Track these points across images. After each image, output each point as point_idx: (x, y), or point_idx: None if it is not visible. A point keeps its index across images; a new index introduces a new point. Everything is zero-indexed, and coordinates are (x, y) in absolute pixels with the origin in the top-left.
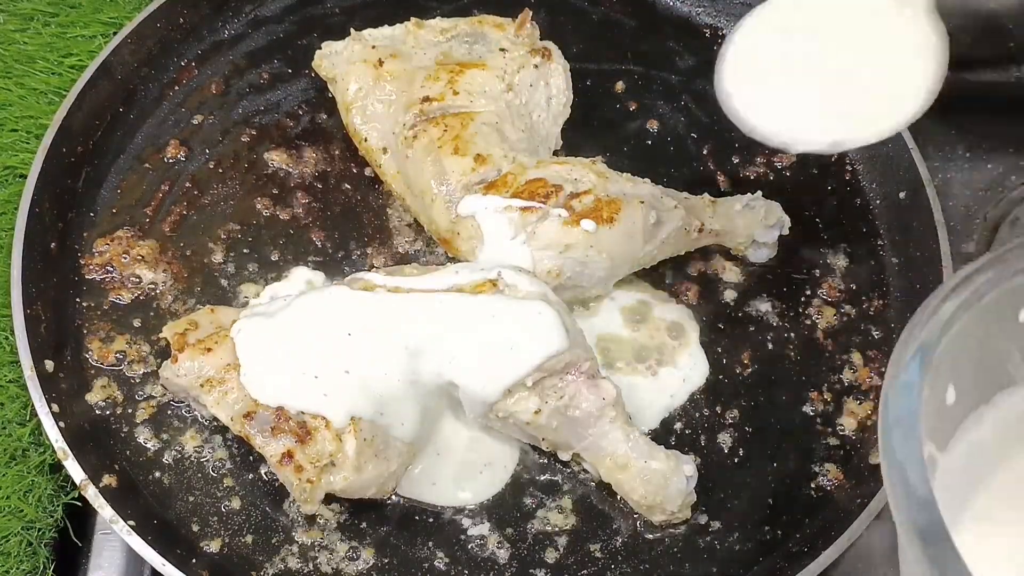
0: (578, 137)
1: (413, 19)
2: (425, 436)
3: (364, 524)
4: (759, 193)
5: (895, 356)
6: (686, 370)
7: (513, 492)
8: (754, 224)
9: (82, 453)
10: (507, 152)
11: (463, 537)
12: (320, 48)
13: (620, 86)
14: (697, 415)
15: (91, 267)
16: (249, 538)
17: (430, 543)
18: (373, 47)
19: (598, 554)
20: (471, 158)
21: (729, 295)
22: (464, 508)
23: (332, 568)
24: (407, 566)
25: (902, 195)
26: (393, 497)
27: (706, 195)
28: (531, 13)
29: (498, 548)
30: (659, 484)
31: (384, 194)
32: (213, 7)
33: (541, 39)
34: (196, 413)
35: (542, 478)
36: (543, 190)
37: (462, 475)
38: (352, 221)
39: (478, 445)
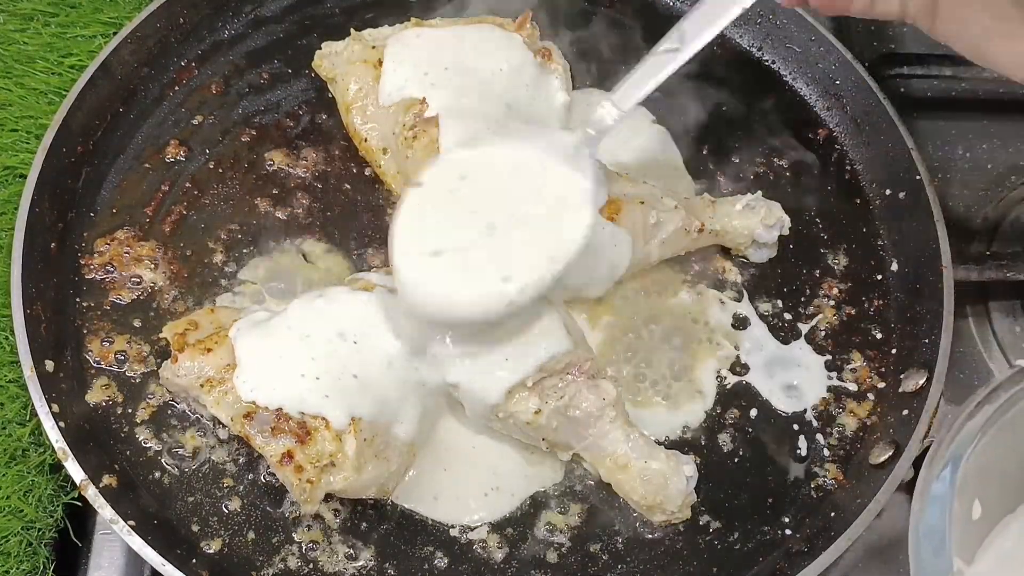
0: None
1: (413, 19)
2: (425, 436)
3: (364, 524)
4: (759, 193)
5: (925, 468)
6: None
7: None
8: (754, 224)
9: (82, 453)
10: None
11: (463, 538)
12: (320, 48)
13: None
14: None
15: (91, 267)
16: (249, 538)
17: (430, 543)
18: (373, 47)
19: (599, 554)
20: None
21: (729, 295)
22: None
23: (332, 568)
24: (407, 567)
25: (902, 195)
26: (393, 498)
27: (706, 195)
28: (531, 13)
29: (498, 549)
30: (659, 484)
31: (384, 194)
32: (213, 7)
33: (541, 39)
34: (196, 413)
35: None
36: None
37: (467, 493)
38: (352, 221)
39: (488, 467)
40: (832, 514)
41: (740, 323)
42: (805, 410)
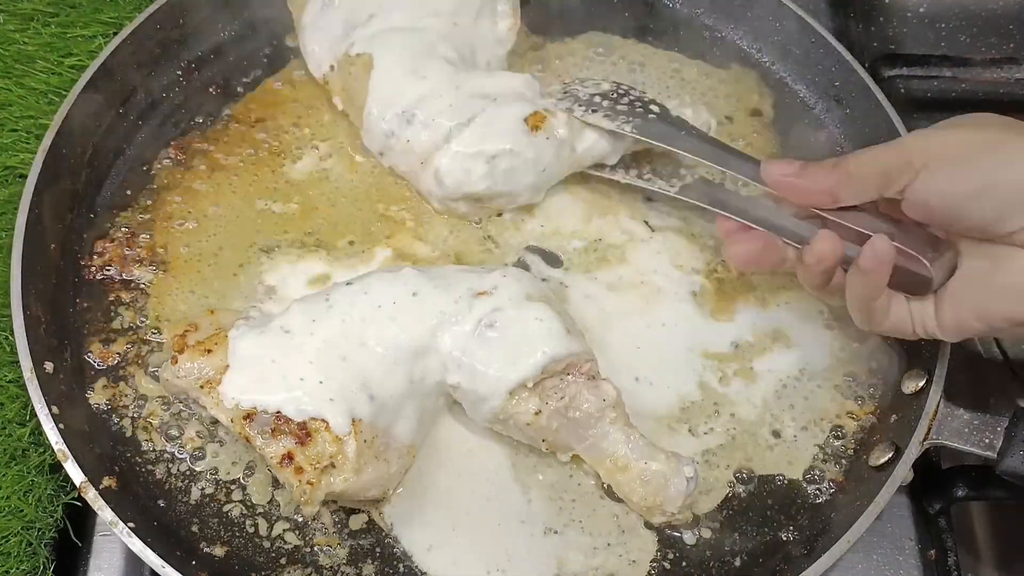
0: None
1: None
2: (424, 436)
3: (364, 525)
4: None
5: None
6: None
7: None
8: None
9: (82, 455)
10: None
11: None
12: None
13: None
14: None
15: (91, 268)
16: (249, 541)
17: None
18: None
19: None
20: None
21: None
22: None
23: (332, 571)
24: (408, 569)
25: None
26: (390, 520)
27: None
28: None
29: None
30: (659, 485)
31: (385, 193)
32: (213, 8)
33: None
34: (196, 414)
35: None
36: None
37: (466, 562)
38: (352, 220)
39: (504, 545)
40: (832, 516)
41: (739, 324)
42: (805, 411)
